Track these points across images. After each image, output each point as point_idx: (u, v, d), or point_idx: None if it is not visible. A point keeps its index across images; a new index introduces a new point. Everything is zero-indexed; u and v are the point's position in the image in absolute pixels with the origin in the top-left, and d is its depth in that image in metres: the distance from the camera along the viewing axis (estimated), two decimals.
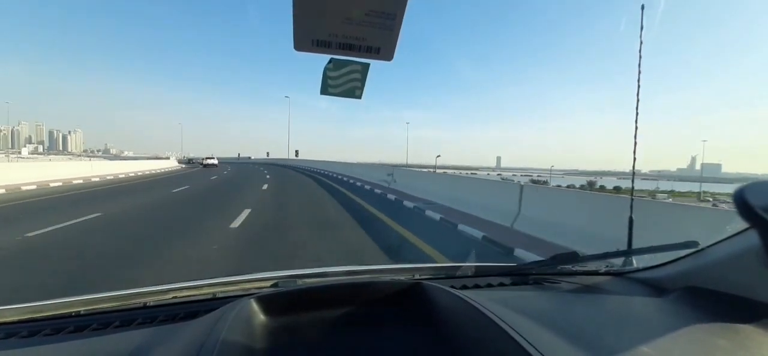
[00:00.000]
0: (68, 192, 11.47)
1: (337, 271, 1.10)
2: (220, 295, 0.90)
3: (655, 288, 0.96)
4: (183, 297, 0.90)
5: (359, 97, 0.78)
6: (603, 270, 1.15)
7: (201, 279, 0.97)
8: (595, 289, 1.00)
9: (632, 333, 0.70)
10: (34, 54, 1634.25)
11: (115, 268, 3.98)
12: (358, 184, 16.46)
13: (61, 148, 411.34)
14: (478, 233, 6.11)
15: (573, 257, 1.06)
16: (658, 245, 0.95)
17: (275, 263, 4.32)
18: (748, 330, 0.69)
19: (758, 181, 0.58)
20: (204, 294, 0.91)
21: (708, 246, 0.85)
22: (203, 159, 41.37)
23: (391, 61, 0.63)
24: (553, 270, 1.12)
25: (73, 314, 0.80)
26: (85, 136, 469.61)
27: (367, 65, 0.73)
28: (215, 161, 39.91)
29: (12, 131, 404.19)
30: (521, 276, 1.12)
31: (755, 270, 0.71)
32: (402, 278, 1.01)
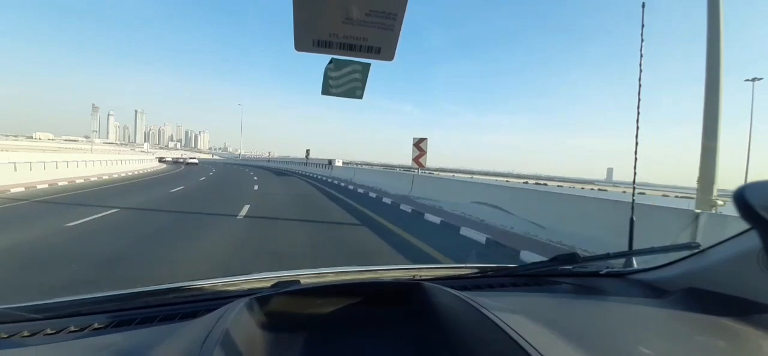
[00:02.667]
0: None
1: (337, 271, 1.10)
2: (221, 295, 0.90)
3: (656, 289, 0.96)
4: (183, 296, 0.91)
5: (360, 97, 0.77)
6: (603, 271, 1.14)
7: (202, 279, 0.98)
8: (595, 290, 1.00)
9: (633, 334, 0.69)
10: (177, 66, 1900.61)
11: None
12: None
13: (193, 145, 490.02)
14: None
15: (573, 258, 1.04)
16: (658, 247, 0.94)
17: None
18: (748, 331, 0.68)
19: (759, 181, 0.57)
20: (204, 294, 0.92)
21: (709, 248, 0.85)
22: (186, 158, 48.77)
23: (392, 61, 0.62)
24: (553, 270, 1.11)
25: (74, 313, 0.80)
26: (210, 136, 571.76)
27: (368, 65, 0.72)
28: (196, 161, 47.54)
29: (160, 130, 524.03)
30: (522, 277, 1.12)
31: (756, 272, 0.71)
32: (403, 278, 1.02)
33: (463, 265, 1.22)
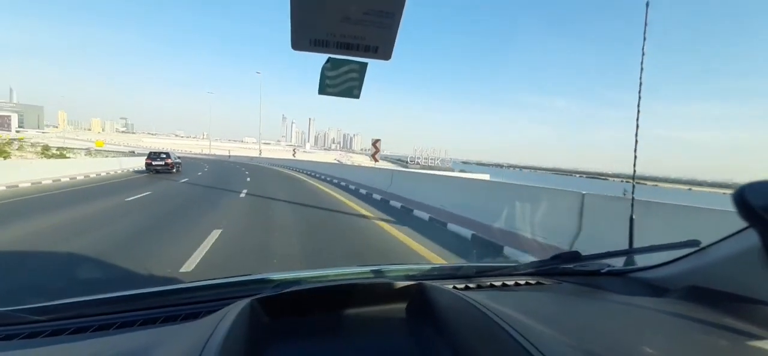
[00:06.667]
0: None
1: (338, 273, 1.10)
2: (222, 296, 0.91)
3: (657, 287, 0.97)
4: (185, 298, 0.92)
5: (357, 96, 0.78)
6: (604, 269, 1.14)
7: (202, 280, 1.00)
8: (596, 289, 1.01)
9: (634, 333, 0.69)
10: None
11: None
12: None
13: (349, 147, 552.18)
14: None
15: (574, 256, 1.07)
16: (659, 245, 0.94)
17: None
18: (750, 329, 0.68)
19: (758, 181, 0.58)
20: (206, 295, 0.93)
21: (709, 245, 0.85)
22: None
23: (389, 61, 0.62)
24: (554, 270, 1.13)
25: (75, 315, 0.81)
26: (362, 138, 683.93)
27: (365, 65, 0.72)
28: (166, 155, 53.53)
29: (324, 134, 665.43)
30: (523, 276, 1.12)
31: (756, 269, 0.71)
32: (403, 278, 1.00)
33: (464, 264, 1.23)
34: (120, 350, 0.63)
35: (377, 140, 16.09)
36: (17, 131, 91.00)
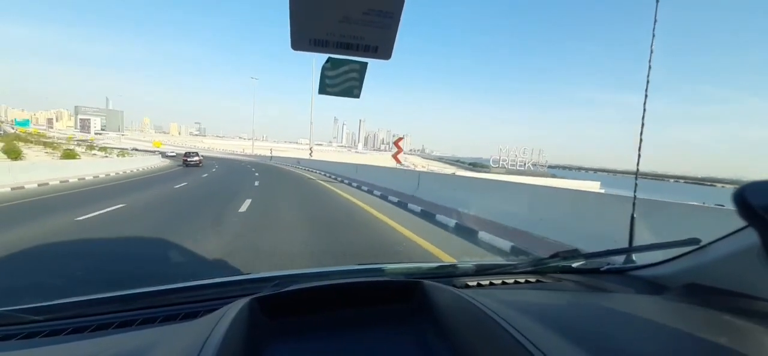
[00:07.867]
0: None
1: (337, 271, 1.10)
2: (222, 295, 0.91)
3: (656, 285, 0.97)
4: (184, 297, 0.92)
5: (357, 96, 0.77)
6: (604, 267, 1.15)
7: (201, 279, 1.00)
8: (596, 287, 1.01)
9: (633, 330, 0.69)
10: (393, 82, 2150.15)
11: None
12: None
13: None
14: None
15: (574, 254, 1.08)
16: (659, 243, 0.93)
17: None
18: (749, 327, 0.68)
19: (758, 181, 0.58)
20: (205, 294, 0.93)
21: (709, 244, 0.85)
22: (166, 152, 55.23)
23: (389, 60, 0.62)
24: (554, 268, 1.12)
25: (74, 315, 0.81)
26: (411, 139, 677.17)
27: (365, 64, 0.71)
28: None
29: (374, 135, 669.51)
30: (523, 274, 1.12)
31: (756, 267, 0.71)
32: (402, 276, 1.02)
33: (463, 262, 1.22)
34: (119, 349, 0.62)
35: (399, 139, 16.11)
36: (97, 133, 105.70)
